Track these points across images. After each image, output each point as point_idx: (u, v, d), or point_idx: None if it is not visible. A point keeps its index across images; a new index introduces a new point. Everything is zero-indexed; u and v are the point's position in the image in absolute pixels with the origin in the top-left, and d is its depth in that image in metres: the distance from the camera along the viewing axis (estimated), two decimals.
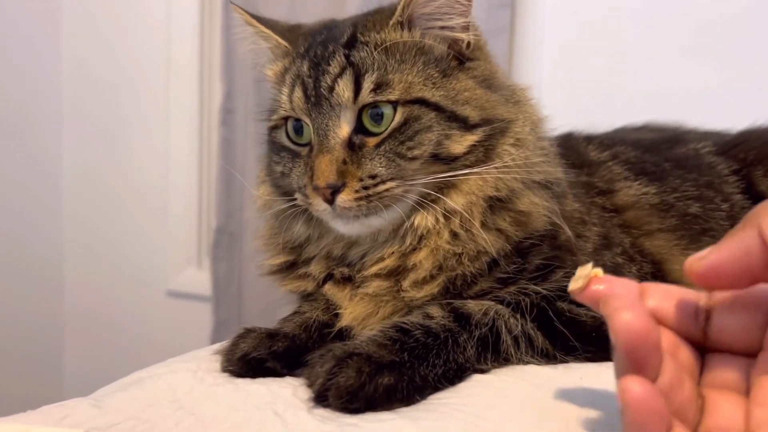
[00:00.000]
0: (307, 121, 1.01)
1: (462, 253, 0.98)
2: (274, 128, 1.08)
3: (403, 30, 1.01)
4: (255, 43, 1.12)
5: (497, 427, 0.76)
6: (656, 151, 1.26)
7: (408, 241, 1.00)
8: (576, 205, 1.09)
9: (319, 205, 0.97)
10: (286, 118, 1.05)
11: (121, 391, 0.87)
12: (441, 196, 0.99)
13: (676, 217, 1.14)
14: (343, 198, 0.95)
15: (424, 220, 0.99)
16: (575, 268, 0.99)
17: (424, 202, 0.98)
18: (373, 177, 0.96)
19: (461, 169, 0.99)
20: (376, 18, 1.04)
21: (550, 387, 0.85)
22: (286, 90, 1.03)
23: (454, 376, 0.87)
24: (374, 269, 1.01)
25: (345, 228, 1.00)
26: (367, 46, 1.00)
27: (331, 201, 0.96)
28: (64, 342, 3.34)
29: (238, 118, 2.86)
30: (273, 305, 1.17)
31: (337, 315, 1.02)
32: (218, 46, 2.94)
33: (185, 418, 0.79)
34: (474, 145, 0.99)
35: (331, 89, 0.98)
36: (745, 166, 1.21)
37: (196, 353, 1.01)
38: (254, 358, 0.91)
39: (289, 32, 1.11)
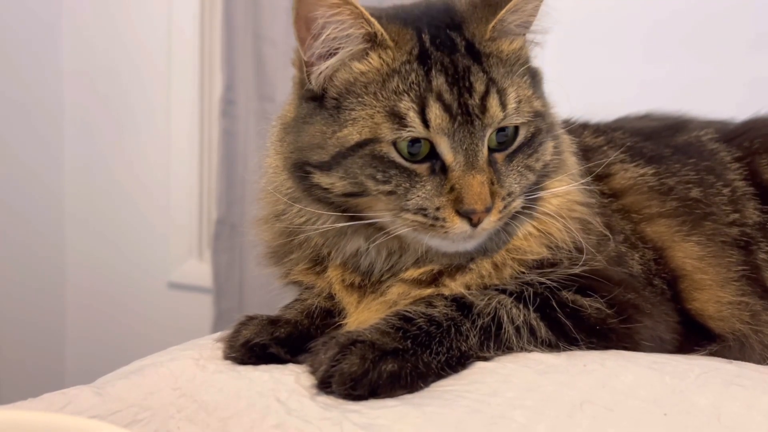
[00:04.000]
0: (441, 141, 0.91)
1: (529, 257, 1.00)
2: (371, 142, 0.93)
3: (504, 36, 0.98)
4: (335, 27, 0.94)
5: (501, 413, 0.76)
6: (657, 139, 1.25)
7: (498, 247, 0.99)
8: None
9: (458, 228, 0.91)
10: (393, 140, 0.92)
11: (123, 379, 0.87)
12: (540, 202, 1.00)
13: (676, 201, 1.11)
14: (491, 220, 0.92)
15: (526, 226, 1.00)
16: (579, 259, 1.00)
17: (522, 211, 0.98)
18: (510, 194, 0.94)
19: (547, 177, 1.02)
20: (476, 21, 0.97)
21: (553, 374, 0.85)
22: (409, 104, 0.91)
23: (457, 363, 0.86)
24: (417, 272, 0.99)
25: (459, 246, 0.96)
26: (490, 58, 0.95)
27: (477, 224, 0.91)
28: (65, 333, 3.33)
29: (238, 109, 2.85)
30: (274, 296, 1.15)
31: (338, 302, 1.02)
32: (218, 37, 2.92)
33: (187, 405, 0.79)
34: (552, 153, 1.02)
35: (484, 108, 0.92)
36: (750, 154, 1.20)
37: (197, 341, 1.01)
38: (257, 344, 0.91)
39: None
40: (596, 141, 1.20)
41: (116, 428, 0.58)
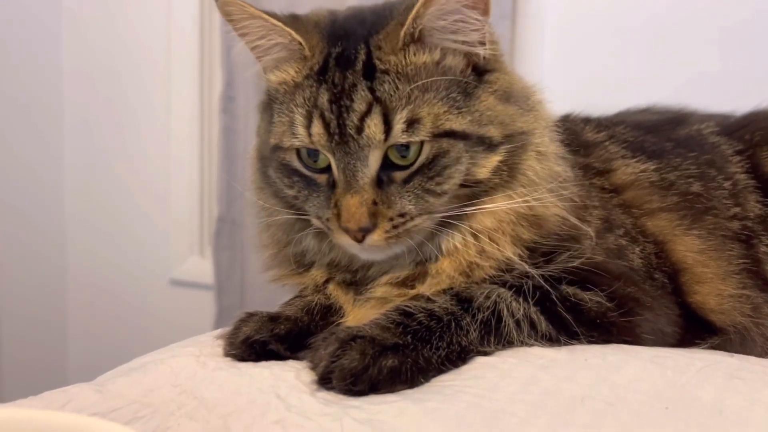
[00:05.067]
0: (328, 155, 0.94)
1: (485, 264, 0.97)
2: (278, 148, 0.99)
3: (417, 46, 0.94)
4: (257, 37, 0.99)
5: (501, 408, 0.75)
6: (658, 133, 1.24)
7: (431, 257, 0.98)
8: (575, 189, 1.06)
9: (345, 241, 0.94)
10: (287, 147, 0.98)
11: (123, 377, 0.87)
12: (464, 223, 0.97)
13: (677, 195, 1.11)
14: (374, 239, 0.92)
15: (450, 243, 0.98)
16: (578, 251, 1.00)
17: (449, 224, 0.96)
18: (402, 215, 0.93)
19: (485, 193, 0.96)
20: (388, 31, 0.94)
21: (554, 368, 0.85)
22: (300, 119, 0.94)
23: (458, 358, 0.86)
24: (385, 279, 0.99)
25: (368, 256, 0.98)
26: (388, 75, 0.93)
27: (360, 240, 0.93)
28: (67, 331, 3.33)
29: (239, 106, 2.84)
30: (276, 293, 1.15)
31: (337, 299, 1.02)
32: (218, 34, 2.92)
33: (188, 402, 0.79)
34: (498, 166, 0.96)
35: (360, 129, 0.91)
36: (751, 146, 1.20)
37: (198, 338, 1.01)
38: (257, 341, 0.91)
39: (297, 28, 0.98)
40: (597, 136, 1.19)
41: (115, 425, 0.58)
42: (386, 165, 0.93)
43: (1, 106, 2.99)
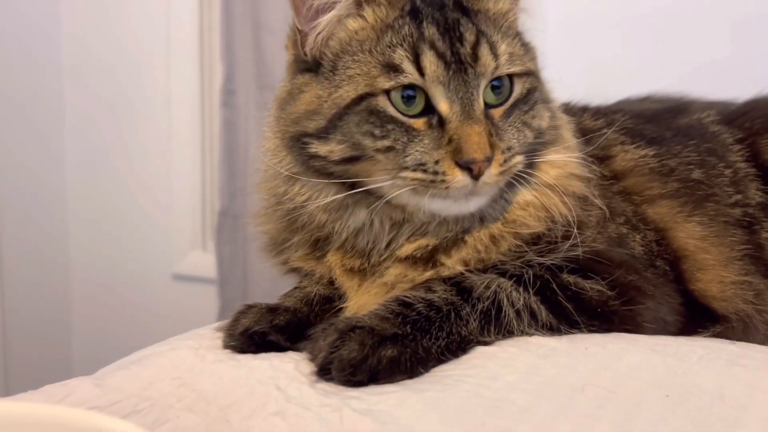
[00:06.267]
0: (437, 90, 0.92)
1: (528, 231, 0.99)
2: (366, 97, 0.94)
3: None
4: None
5: (501, 397, 0.75)
6: (658, 121, 1.24)
7: (495, 216, 0.99)
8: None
9: (459, 182, 0.90)
10: (388, 89, 0.93)
11: (123, 370, 0.87)
12: (538, 170, 1.00)
13: (677, 182, 1.10)
14: (491, 172, 0.91)
15: (525, 195, 1.00)
16: (581, 240, 1.00)
17: (520, 177, 0.98)
18: (509, 149, 0.94)
19: (543, 146, 1.02)
20: None
21: (554, 357, 0.85)
22: (403, 54, 0.93)
23: (458, 348, 0.86)
24: (411, 248, 0.98)
25: (461, 207, 0.95)
26: (478, 14, 0.99)
27: (477, 176, 0.90)
28: (71, 327, 3.33)
29: (239, 100, 2.83)
30: (278, 286, 1.15)
31: (338, 288, 1.01)
32: (218, 27, 2.89)
33: (187, 394, 0.79)
34: (549, 123, 1.03)
35: (476, 57, 0.93)
36: (751, 135, 1.19)
37: (197, 331, 1.01)
38: (256, 332, 0.90)
39: None
40: (596, 123, 1.19)
41: (113, 419, 0.58)
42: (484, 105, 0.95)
43: (0, 104, 2.99)
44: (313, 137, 0.97)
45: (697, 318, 1.03)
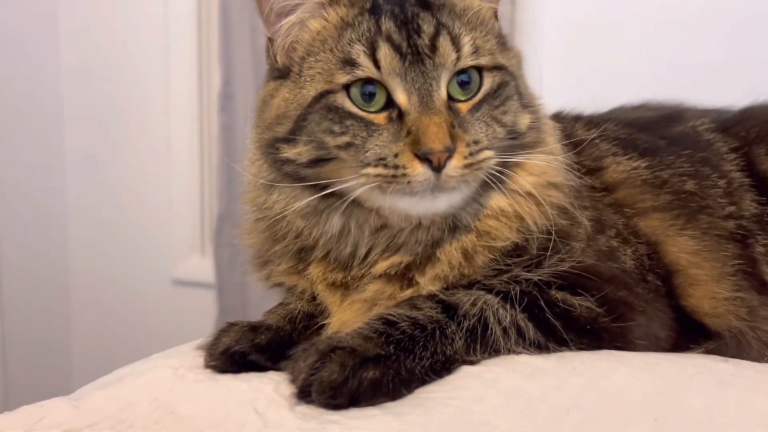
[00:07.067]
0: (394, 83, 0.92)
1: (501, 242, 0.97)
2: (325, 94, 0.94)
3: None
4: None
5: (484, 421, 0.73)
6: (651, 130, 1.21)
7: (467, 223, 0.97)
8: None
9: (419, 175, 0.88)
10: (349, 84, 0.93)
11: (101, 390, 0.85)
12: (513, 174, 0.97)
13: (670, 194, 1.08)
14: (454, 165, 0.89)
15: (498, 200, 0.97)
16: (568, 253, 0.98)
17: (494, 179, 0.95)
18: (476, 143, 0.92)
19: (522, 149, 0.98)
20: None
21: (540, 378, 0.83)
22: (360, 49, 0.93)
23: (442, 368, 0.84)
24: (385, 265, 0.96)
25: (428, 204, 0.92)
26: (443, 9, 0.98)
27: (438, 168, 0.88)
28: (71, 331, 3.33)
29: (237, 104, 2.82)
30: (276, 291, 1.13)
31: (320, 304, 0.99)
32: (216, 32, 2.89)
33: (164, 417, 0.77)
34: (529, 125, 1.00)
35: (434, 48, 0.93)
36: (746, 144, 1.16)
37: (180, 348, 0.99)
38: (236, 351, 0.89)
39: None
40: (588, 134, 1.16)
41: None
42: (449, 98, 0.94)
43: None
44: (282, 141, 0.98)
45: (689, 334, 1.01)
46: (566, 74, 2.14)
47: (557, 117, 1.20)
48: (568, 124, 1.19)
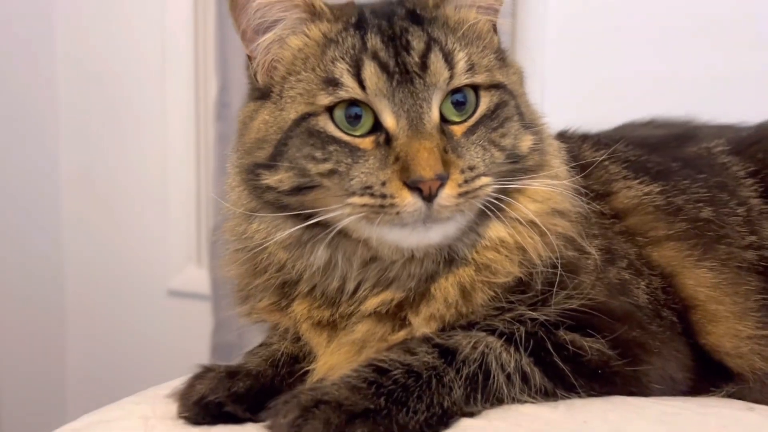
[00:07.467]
0: (381, 105, 0.84)
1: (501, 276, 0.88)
2: (307, 117, 0.87)
3: (454, 6, 0.93)
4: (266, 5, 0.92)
5: None
6: (663, 150, 1.14)
7: (464, 256, 0.88)
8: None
9: (409, 205, 0.80)
10: (331, 107, 0.86)
11: None
12: (514, 201, 0.89)
13: (686, 222, 1.00)
14: (447, 193, 0.80)
15: (497, 230, 0.89)
16: (577, 289, 0.89)
17: (492, 207, 0.86)
18: (472, 169, 0.84)
19: (523, 173, 0.90)
20: None
21: None
22: (344, 68, 0.85)
23: (439, 422, 0.76)
24: (376, 302, 0.88)
25: (420, 236, 0.84)
26: (435, 23, 0.90)
27: (430, 198, 0.80)
28: (66, 342, 3.27)
29: (233, 112, 2.76)
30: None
31: (304, 345, 0.91)
32: (212, 40, 2.85)
33: None
34: (531, 147, 0.92)
35: (424, 66, 0.85)
36: (765, 167, 1.08)
37: (155, 392, 0.90)
38: (212, 402, 0.81)
39: None
40: (596, 155, 1.08)
41: None
42: (442, 120, 0.86)
43: None
44: (263, 167, 0.90)
45: (709, 375, 0.93)
46: (571, 90, 2.07)
47: (562, 136, 1.12)
48: (575, 144, 1.11)
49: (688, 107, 1.34)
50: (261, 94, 0.94)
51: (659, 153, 1.12)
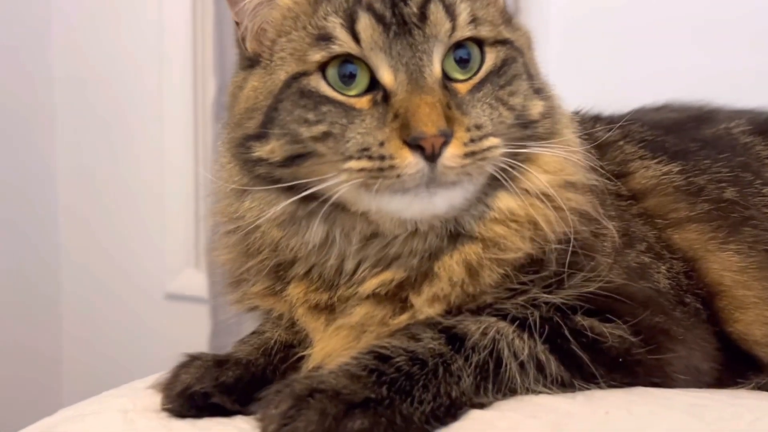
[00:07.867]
0: (377, 59, 0.78)
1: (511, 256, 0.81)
2: (298, 77, 0.81)
3: None
4: None
5: None
6: (680, 132, 1.08)
7: (471, 230, 0.81)
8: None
9: (410, 166, 0.74)
10: (324, 63, 0.80)
11: None
12: (525, 170, 0.82)
13: (708, 203, 0.94)
14: (452, 152, 0.74)
15: (507, 201, 0.82)
16: (593, 271, 0.83)
17: (502, 175, 0.80)
18: (478, 127, 0.77)
19: (534, 140, 0.83)
20: None
21: (567, 427, 0.68)
22: (336, 22, 0.80)
23: (447, 413, 0.69)
24: (376, 282, 0.81)
25: (423, 204, 0.77)
26: None
27: (433, 157, 0.74)
28: (62, 345, 3.25)
29: None
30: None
31: (300, 332, 0.85)
32: (210, 41, 2.82)
33: None
34: (543, 112, 0.86)
35: (423, 17, 0.79)
36: None
37: (135, 385, 0.84)
38: (197, 392, 0.75)
39: None
40: (610, 136, 1.02)
41: None
42: (445, 77, 0.80)
43: None
44: (253, 138, 0.84)
45: (735, 366, 0.87)
46: (573, 84, 2.03)
47: (575, 117, 1.06)
48: (588, 123, 1.05)
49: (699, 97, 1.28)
50: (250, 62, 0.89)
51: (676, 134, 1.07)
